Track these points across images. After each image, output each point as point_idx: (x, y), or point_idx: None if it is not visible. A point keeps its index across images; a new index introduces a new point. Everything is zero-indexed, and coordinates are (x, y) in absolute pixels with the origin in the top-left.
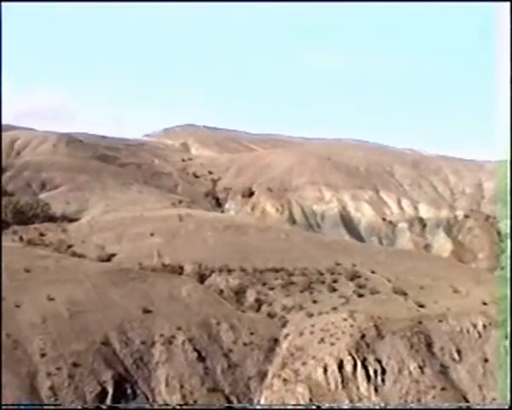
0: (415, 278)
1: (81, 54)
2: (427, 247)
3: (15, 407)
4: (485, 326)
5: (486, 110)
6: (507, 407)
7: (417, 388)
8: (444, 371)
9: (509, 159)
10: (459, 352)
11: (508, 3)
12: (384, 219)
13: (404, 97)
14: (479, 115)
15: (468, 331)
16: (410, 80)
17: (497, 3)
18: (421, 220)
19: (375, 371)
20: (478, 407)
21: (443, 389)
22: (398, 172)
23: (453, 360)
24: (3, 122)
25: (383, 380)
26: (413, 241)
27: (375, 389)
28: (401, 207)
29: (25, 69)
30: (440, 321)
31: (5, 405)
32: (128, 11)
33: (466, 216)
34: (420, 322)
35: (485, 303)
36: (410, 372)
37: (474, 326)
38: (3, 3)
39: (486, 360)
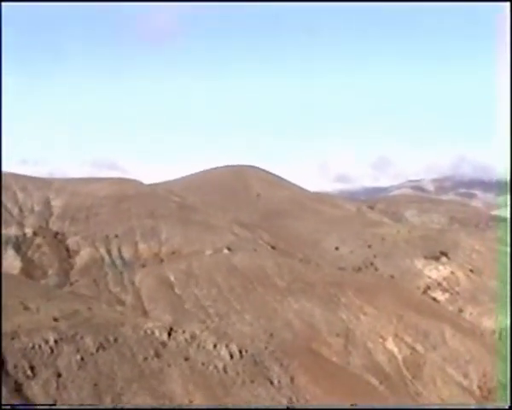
0: None
1: None
2: None
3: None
4: (56, 342)
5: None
6: (507, 406)
7: None
8: (18, 388)
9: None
10: (32, 368)
11: (508, 3)
12: None
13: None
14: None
15: (40, 347)
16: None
17: (496, 3)
18: None
19: None
20: (478, 407)
21: None
22: None
23: (27, 376)
24: None
25: None
26: None
27: None
28: None
29: None
30: (13, 339)
31: (4, 405)
32: None
33: (35, 233)
34: None
35: (56, 319)
36: None
37: (46, 342)
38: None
39: (59, 375)
